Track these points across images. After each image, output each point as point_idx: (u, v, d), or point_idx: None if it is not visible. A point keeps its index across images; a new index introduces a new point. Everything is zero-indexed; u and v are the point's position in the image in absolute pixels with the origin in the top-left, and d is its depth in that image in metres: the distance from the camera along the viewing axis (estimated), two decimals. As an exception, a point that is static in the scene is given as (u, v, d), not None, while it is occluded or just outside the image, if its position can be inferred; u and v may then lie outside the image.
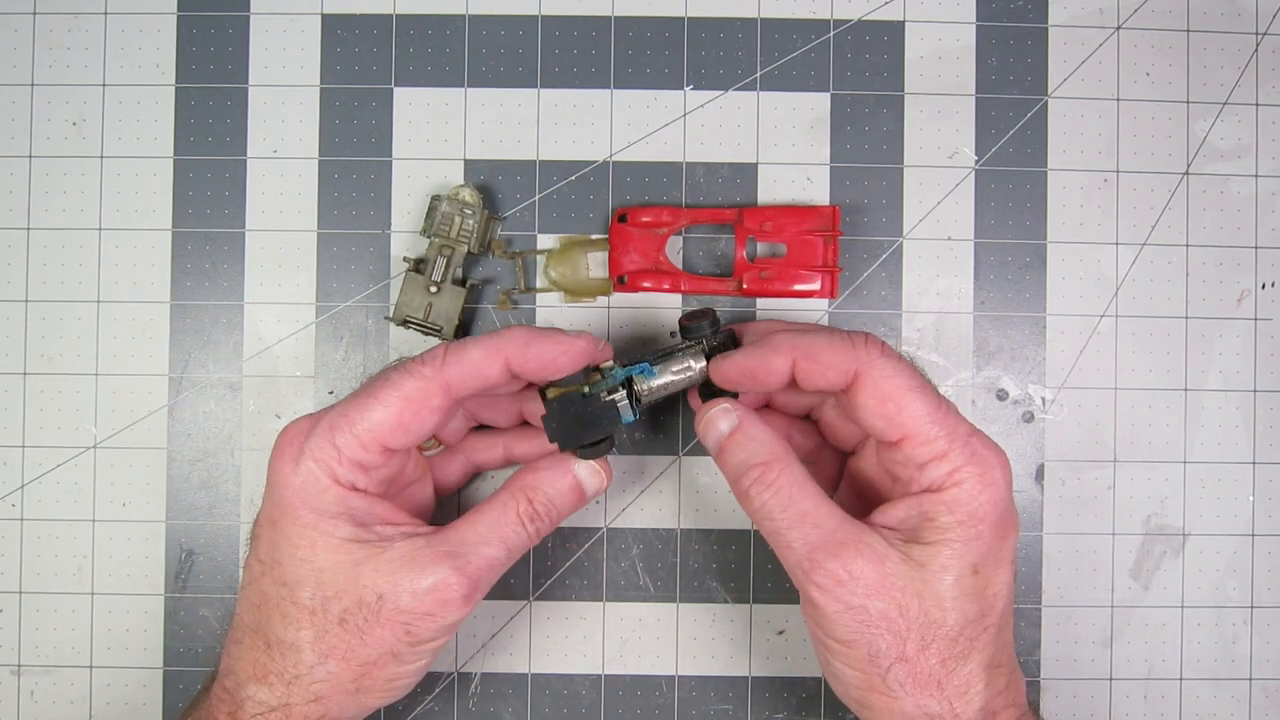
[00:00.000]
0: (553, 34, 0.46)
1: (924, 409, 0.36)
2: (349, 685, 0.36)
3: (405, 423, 0.36)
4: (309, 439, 0.36)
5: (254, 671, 0.36)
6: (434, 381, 0.36)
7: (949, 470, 0.36)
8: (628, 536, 0.46)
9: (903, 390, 0.36)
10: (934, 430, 0.36)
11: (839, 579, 0.35)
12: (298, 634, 0.36)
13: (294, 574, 0.36)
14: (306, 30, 0.46)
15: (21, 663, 0.46)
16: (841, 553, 0.35)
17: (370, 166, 0.46)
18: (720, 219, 0.45)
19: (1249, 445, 0.46)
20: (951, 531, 0.36)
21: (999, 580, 0.36)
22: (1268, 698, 0.46)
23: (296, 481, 0.36)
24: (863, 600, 0.35)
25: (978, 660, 0.36)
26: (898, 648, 0.35)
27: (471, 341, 0.37)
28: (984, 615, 0.36)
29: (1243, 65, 0.46)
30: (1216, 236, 0.46)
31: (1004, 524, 0.36)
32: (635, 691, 0.46)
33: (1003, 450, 0.37)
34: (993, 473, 0.36)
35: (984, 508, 0.36)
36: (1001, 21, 0.46)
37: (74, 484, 0.46)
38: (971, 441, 0.36)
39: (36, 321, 0.46)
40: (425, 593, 0.36)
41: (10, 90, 0.46)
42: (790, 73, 0.46)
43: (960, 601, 0.35)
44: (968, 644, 0.36)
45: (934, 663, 0.35)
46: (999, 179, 0.46)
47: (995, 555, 0.36)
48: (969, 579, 0.36)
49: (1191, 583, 0.46)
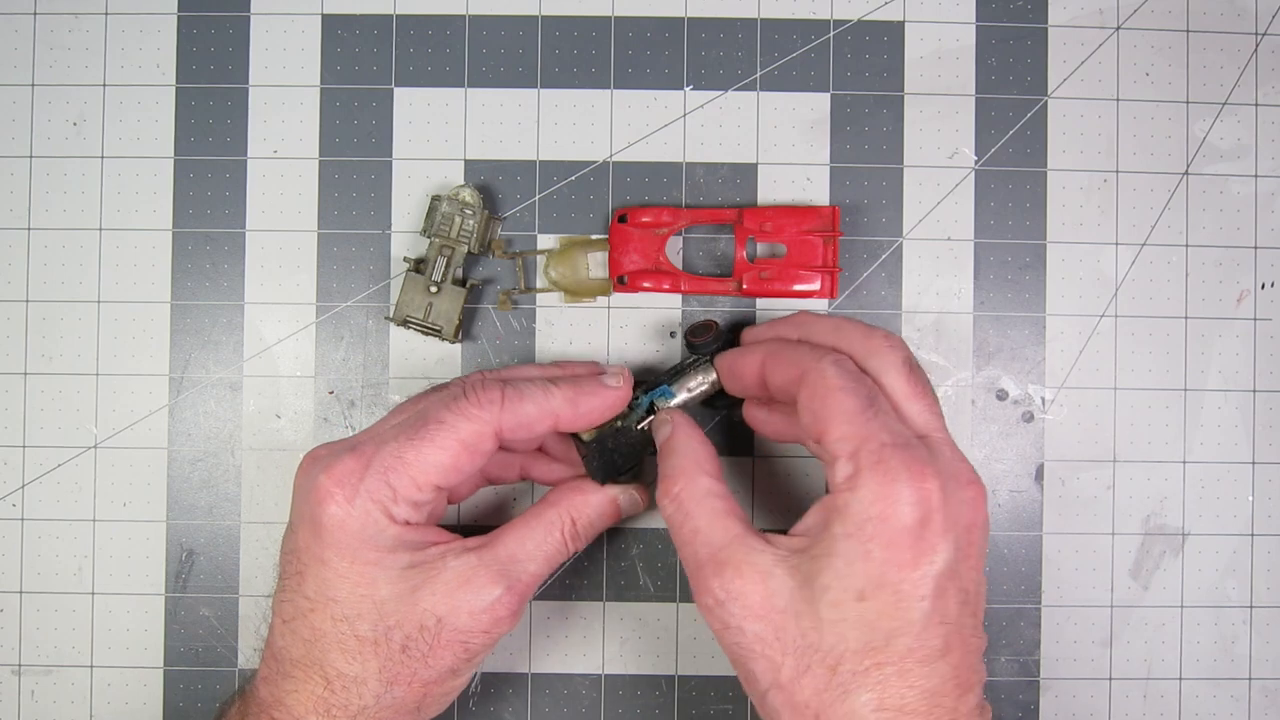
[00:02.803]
0: (553, 34, 0.46)
1: (850, 407, 0.34)
2: (411, 706, 0.37)
3: (460, 465, 0.37)
4: (364, 480, 0.36)
5: (313, 706, 0.36)
6: (490, 427, 0.37)
7: (849, 474, 0.33)
8: (628, 536, 0.46)
9: (833, 388, 0.35)
10: (847, 429, 0.34)
11: (719, 599, 0.34)
12: (363, 667, 0.36)
13: (354, 609, 0.36)
14: (306, 30, 0.46)
15: (21, 663, 0.46)
16: (722, 571, 0.34)
17: (370, 166, 0.46)
18: (720, 219, 0.45)
19: (1248, 445, 0.46)
20: (839, 544, 0.33)
21: (900, 616, 0.32)
22: (1267, 697, 0.46)
23: (352, 524, 0.36)
24: (739, 621, 0.34)
25: (865, 699, 0.32)
26: (772, 674, 0.33)
27: (526, 394, 0.38)
28: (874, 650, 0.32)
29: (1242, 65, 0.46)
30: (1216, 236, 0.46)
31: (910, 549, 0.32)
32: (635, 691, 0.46)
33: (935, 474, 0.33)
34: (896, 489, 0.32)
35: (876, 525, 0.32)
36: (1001, 22, 0.46)
37: (74, 484, 0.46)
38: (886, 451, 0.33)
39: (36, 321, 0.46)
40: (482, 611, 0.36)
41: (10, 90, 0.46)
42: (790, 73, 0.46)
43: (839, 627, 0.32)
44: (850, 677, 0.32)
45: (809, 693, 0.33)
46: (999, 179, 0.46)
47: (891, 586, 0.32)
48: (851, 604, 0.32)
49: (1191, 582, 0.46)
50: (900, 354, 0.37)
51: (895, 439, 0.33)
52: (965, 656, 0.33)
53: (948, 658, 0.33)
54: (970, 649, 0.34)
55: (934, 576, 0.33)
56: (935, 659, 0.33)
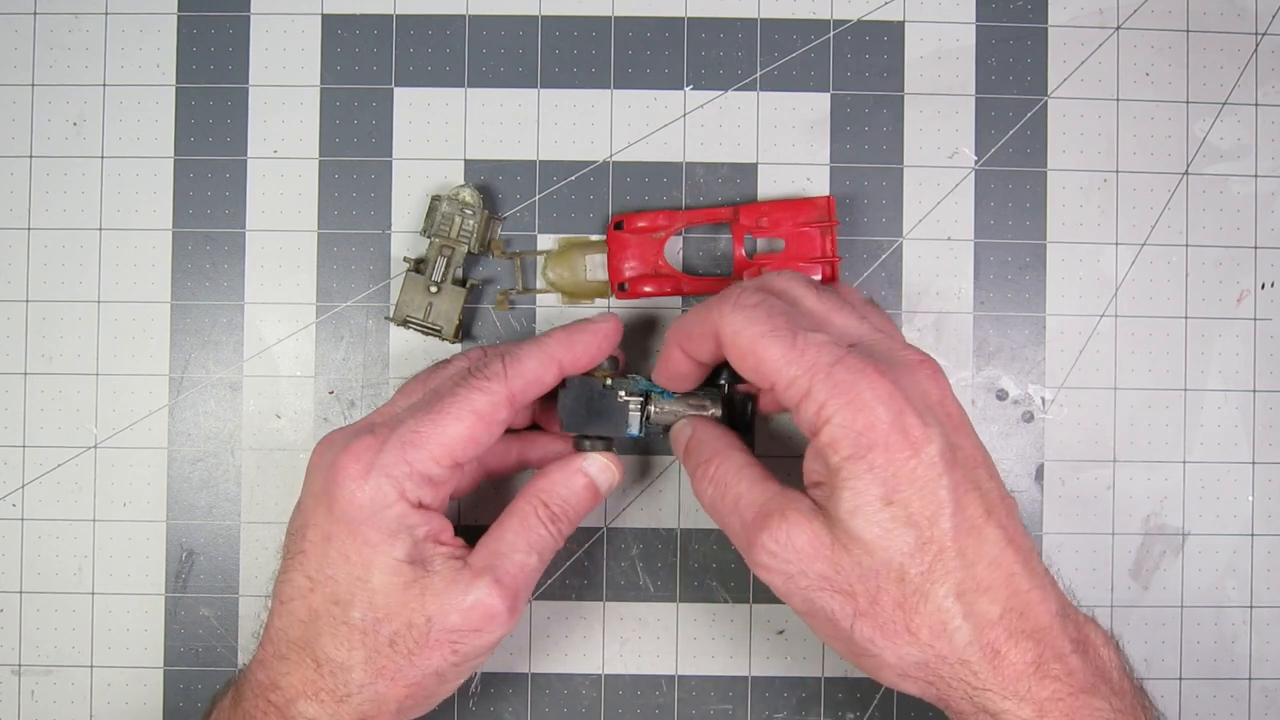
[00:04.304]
0: (553, 34, 0.46)
1: (779, 351, 0.34)
2: (393, 705, 0.37)
3: (477, 437, 0.37)
4: (380, 455, 0.36)
5: (304, 688, 0.36)
6: (502, 395, 0.37)
7: (816, 409, 0.34)
8: (628, 536, 0.46)
9: (755, 339, 0.35)
10: (791, 371, 0.34)
11: (771, 551, 0.34)
12: (350, 654, 0.36)
13: (347, 592, 0.36)
14: (306, 30, 0.46)
15: (21, 663, 0.46)
16: (768, 524, 0.34)
17: (370, 166, 0.46)
18: (716, 218, 0.45)
19: (1248, 445, 0.46)
20: (842, 471, 0.33)
21: (930, 499, 0.33)
22: (1267, 697, 0.46)
23: (363, 499, 0.36)
24: (799, 567, 0.34)
25: (942, 591, 0.33)
26: (850, 605, 0.34)
27: (523, 352, 0.38)
28: (925, 543, 0.33)
29: (1242, 65, 0.46)
30: (1216, 236, 0.46)
31: (903, 442, 0.33)
32: (635, 691, 0.46)
33: (882, 370, 0.33)
34: (860, 396, 0.33)
35: (864, 436, 0.33)
36: (1001, 21, 0.46)
37: (74, 484, 0.46)
38: (834, 371, 0.33)
39: (36, 321, 0.46)
40: (470, 609, 0.36)
41: (10, 90, 0.46)
42: (790, 73, 0.46)
43: (884, 539, 0.33)
44: (920, 578, 0.33)
45: (890, 609, 0.33)
46: (999, 179, 0.46)
47: (907, 476, 0.33)
48: (882, 513, 0.33)
49: (1191, 582, 0.46)
50: (800, 278, 0.38)
51: (834, 356, 0.34)
52: (1009, 517, 0.34)
53: (992, 521, 0.34)
54: (1010, 508, 0.35)
55: (938, 454, 0.33)
56: (982, 526, 0.33)
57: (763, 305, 0.36)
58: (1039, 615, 0.33)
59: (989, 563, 0.33)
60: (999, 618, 0.33)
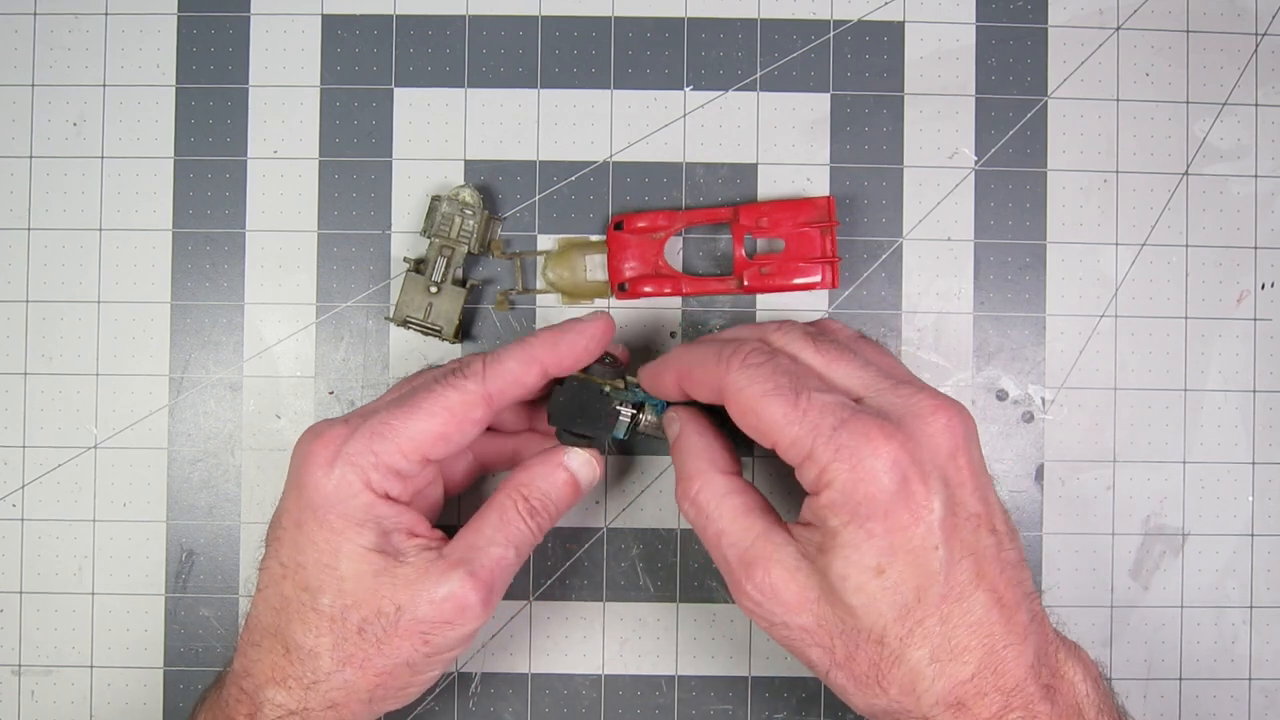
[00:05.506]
0: (553, 34, 0.46)
1: (781, 411, 0.34)
2: (363, 694, 0.36)
3: (448, 434, 0.37)
4: (347, 444, 0.36)
5: (273, 674, 0.36)
6: (477, 394, 0.37)
7: (818, 472, 0.34)
8: (628, 536, 0.46)
9: (757, 398, 0.35)
10: (794, 431, 0.34)
11: (754, 600, 0.35)
12: (317, 640, 0.36)
13: (316, 579, 0.36)
14: (306, 30, 0.46)
15: (21, 663, 0.46)
16: (753, 573, 0.35)
17: (370, 167, 0.46)
18: (716, 218, 0.45)
19: (1248, 445, 0.46)
20: (841, 535, 0.33)
21: (922, 571, 0.33)
22: (1267, 698, 0.46)
23: (328, 485, 0.36)
24: (782, 618, 0.35)
25: (917, 656, 0.33)
26: (828, 657, 0.34)
27: (505, 353, 0.38)
28: (910, 610, 0.33)
29: (1242, 65, 0.46)
30: (1216, 237, 0.46)
31: (904, 509, 0.33)
32: (635, 691, 0.46)
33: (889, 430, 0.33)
34: (865, 463, 0.33)
35: (865, 504, 0.33)
36: (1001, 22, 0.46)
37: (74, 484, 0.46)
38: (838, 434, 0.33)
39: (36, 321, 0.46)
40: (442, 601, 0.36)
41: (10, 90, 0.46)
42: (790, 73, 0.46)
43: (871, 606, 0.33)
44: (899, 642, 0.33)
45: (866, 665, 0.34)
46: (999, 179, 0.46)
47: (903, 546, 0.33)
48: (873, 583, 0.33)
49: (1191, 583, 0.46)
50: (796, 331, 0.37)
51: (838, 418, 0.33)
52: (1001, 574, 0.34)
53: (982, 585, 0.33)
54: (1005, 564, 0.34)
55: (938, 523, 0.33)
56: (970, 591, 0.33)
57: (768, 364, 0.35)
58: (1012, 671, 0.33)
59: (969, 627, 0.33)
60: (970, 677, 0.33)
